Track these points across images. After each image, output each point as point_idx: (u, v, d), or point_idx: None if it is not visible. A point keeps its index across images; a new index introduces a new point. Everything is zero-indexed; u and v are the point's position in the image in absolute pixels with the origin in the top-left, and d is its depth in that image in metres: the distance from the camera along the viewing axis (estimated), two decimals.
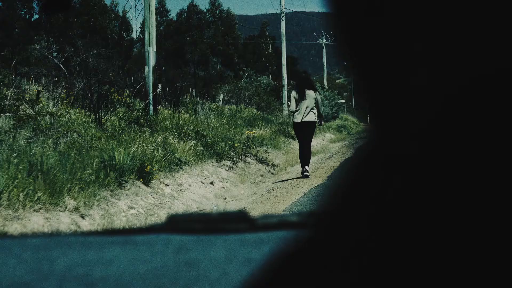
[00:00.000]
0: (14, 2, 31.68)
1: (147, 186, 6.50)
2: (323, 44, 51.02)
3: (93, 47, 12.66)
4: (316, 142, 17.53)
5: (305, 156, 8.66)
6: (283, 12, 27.68)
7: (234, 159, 9.61)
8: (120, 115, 12.64)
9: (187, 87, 20.85)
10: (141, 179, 6.44)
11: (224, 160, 9.31)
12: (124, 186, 6.03)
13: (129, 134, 8.96)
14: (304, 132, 8.67)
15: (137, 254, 0.62)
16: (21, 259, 0.62)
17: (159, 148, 7.53)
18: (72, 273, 0.57)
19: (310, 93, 8.58)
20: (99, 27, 34.02)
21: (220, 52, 46.81)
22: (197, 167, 8.28)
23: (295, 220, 0.74)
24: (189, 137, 8.85)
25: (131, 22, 50.37)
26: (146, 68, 14.30)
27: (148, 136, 7.92)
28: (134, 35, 48.35)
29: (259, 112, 21.44)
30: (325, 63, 50.20)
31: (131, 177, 6.31)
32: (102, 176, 5.76)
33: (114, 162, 6.13)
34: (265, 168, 10.26)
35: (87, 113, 11.16)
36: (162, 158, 7.42)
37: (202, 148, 8.76)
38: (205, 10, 47.47)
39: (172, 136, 8.52)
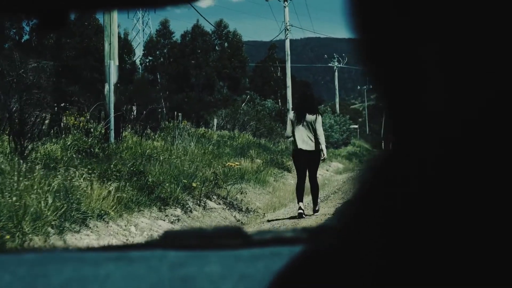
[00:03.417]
0: (2, 22, 29.69)
1: None
2: (335, 67, 48.51)
3: (33, 58, 10.21)
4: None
5: (312, 193, 7.89)
6: (287, 29, 25.27)
7: (188, 205, 6.99)
8: (69, 142, 10.17)
9: (173, 110, 18.35)
10: None
11: (172, 207, 6.69)
12: None
13: (61, 167, 6.44)
14: (306, 164, 7.68)
15: (132, 270, 0.62)
16: (16, 275, 0.61)
17: (49, 196, 4.93)
18: None
19: (309, 117, 7.50)
20: (93, 48, 31.90)
21: (227, 76, 44.46)
22: (122, 221, 5.67)
23: (290, 235, 0.73)
24: (115, 176, 6.23)
25: (135, 45, 48.30)
26: (106, 86, 11.72)
27: (39, 177, 5.31)
28: (137, 60, 46.26)
29: (255, 138, 18.82)
30: (336, 87, 47.52)
31: None
32: None
33: None
34: (235, 216, 7.61)
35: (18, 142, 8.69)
36: (54, 211, 4.83)
37: (133, 193, 6.13)
38: (210, 32, 45.24)
39: (82, 176, 5.90)
